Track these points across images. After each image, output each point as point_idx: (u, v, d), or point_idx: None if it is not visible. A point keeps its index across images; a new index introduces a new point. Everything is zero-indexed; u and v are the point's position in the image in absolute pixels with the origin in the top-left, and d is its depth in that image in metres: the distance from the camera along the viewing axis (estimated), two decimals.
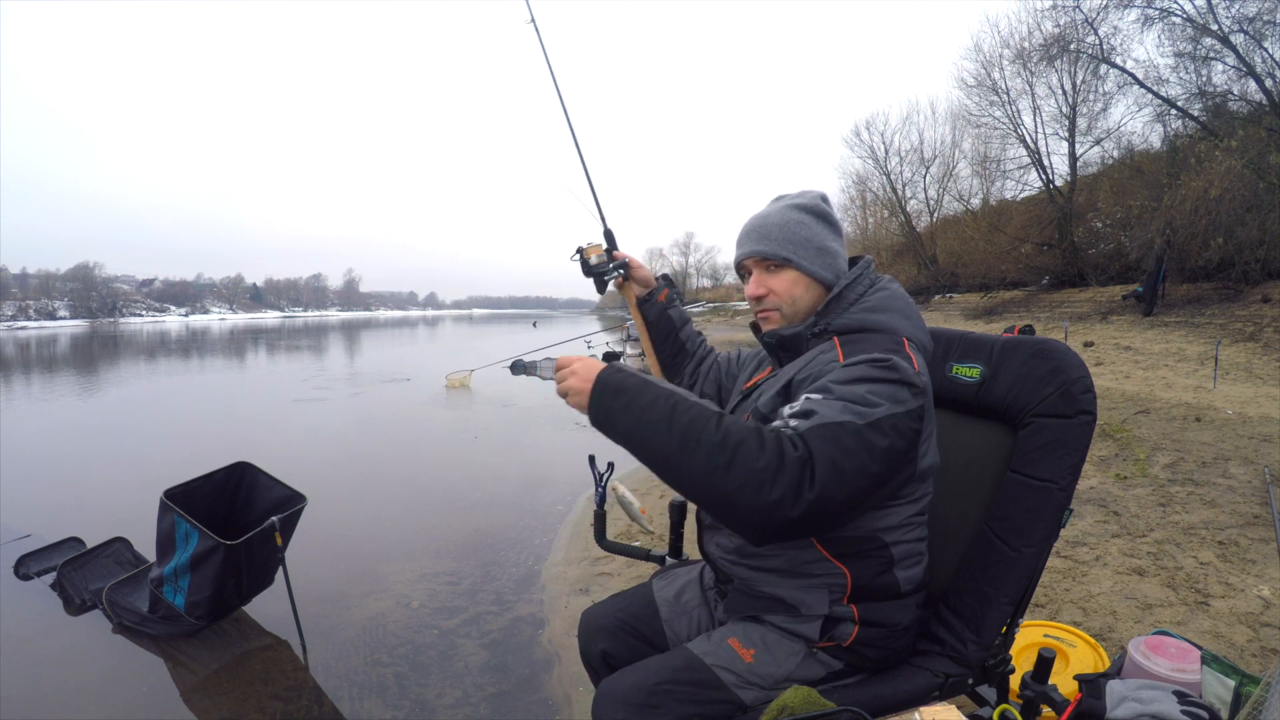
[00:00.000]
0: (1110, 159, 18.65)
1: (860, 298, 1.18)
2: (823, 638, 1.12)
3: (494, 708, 2.24)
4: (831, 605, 1.12)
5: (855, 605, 1.12)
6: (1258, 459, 4.17)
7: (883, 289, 1.20)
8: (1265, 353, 8.68)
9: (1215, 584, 2.59)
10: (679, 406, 0.95)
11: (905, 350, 1.08)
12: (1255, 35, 13.11)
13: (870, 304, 1.17)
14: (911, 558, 1.14)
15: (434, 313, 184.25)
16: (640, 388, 0.99)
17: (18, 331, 53.25)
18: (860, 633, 1.12)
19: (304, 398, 10.13)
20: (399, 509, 4.41)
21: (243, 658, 2.57)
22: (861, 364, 1.03)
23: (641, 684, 1.12)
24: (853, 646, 1.13)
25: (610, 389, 1.00)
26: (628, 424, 0.97)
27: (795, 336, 1.20)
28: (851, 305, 1.18)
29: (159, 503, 2.54)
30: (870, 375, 1.00)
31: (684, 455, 0.92)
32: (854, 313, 1.16)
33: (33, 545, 3.53)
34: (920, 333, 1.17)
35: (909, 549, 1.13)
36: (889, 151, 29.58)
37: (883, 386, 0.99)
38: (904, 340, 1.11)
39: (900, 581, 1.13)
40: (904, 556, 1.13)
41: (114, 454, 6.35)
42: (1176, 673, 1.29)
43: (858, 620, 1.12)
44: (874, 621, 1.13)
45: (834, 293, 1.19)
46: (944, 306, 22.73)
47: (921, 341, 1.16)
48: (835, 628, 1.12)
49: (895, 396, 0.99)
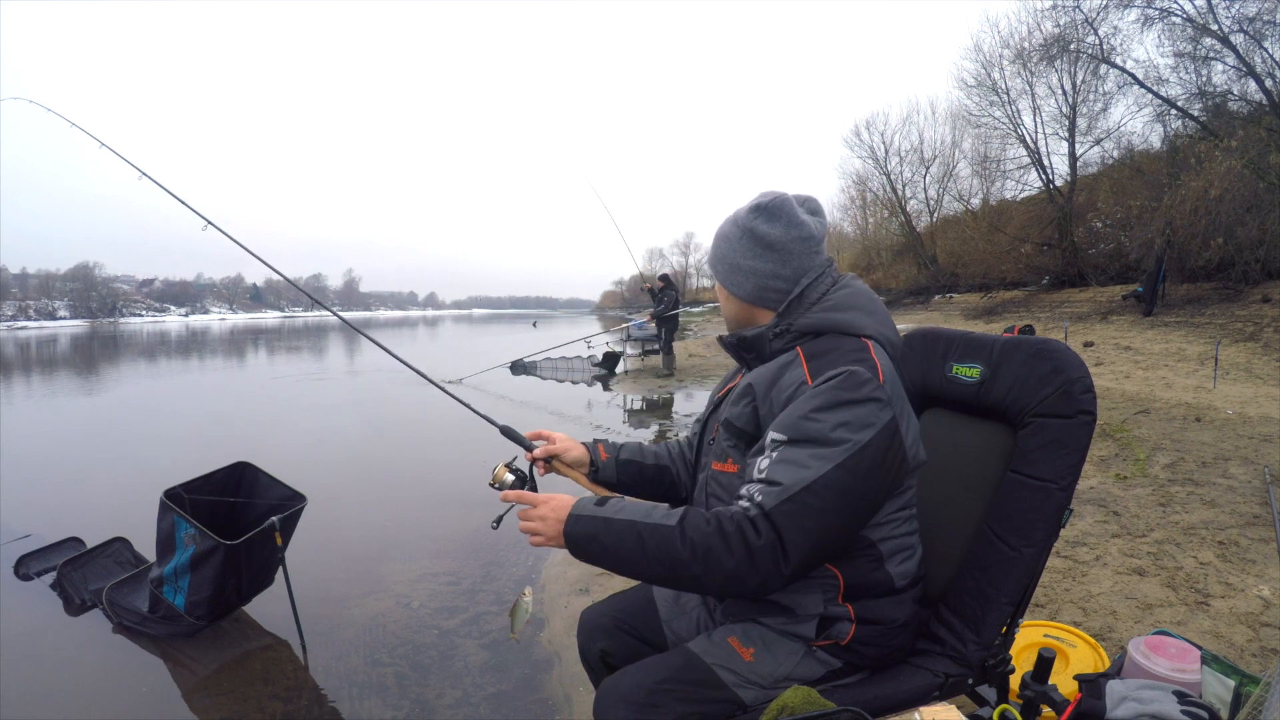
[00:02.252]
0: (1110, 159, 18.67)
1: (822, 297, 1.19)
2: (819, 636, 1.13)
3: (494, 708, 2.24)
4: (826, 605, 1.12)
5: (850, 604, 1.12)
6: (1258, 459, 4.17)
7: (844, 286, 1.20)
8: (1265, 353, 8.68)
9: (1215, 584, 2.59)
10: (643, 534, 1.02)
11: (870, 355, 1.09)
12: (1255, 35, 13.12)
13: (832, 302, 1.17)
14: (902, 552, 1.15)
15: (434, 313, 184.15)
16: (604, 528, 1.05)
17: (18, 331, 53.24)
18: (857, 631, 1.12)
19: (306, 401, 10.13)
20: (399, 509, 4.40)
21: (243, 658, 2.57)
22: (828, 387, 1.04)
23: (642, 683, 1.12)
24: (850, 645, 1.13)
25: (580, 539, 1.07)
26: (608, 563, 1.06)
27: (758, 338, 1.21)
28: (814, 305, 1.18)
29: (159, 503, 2.54)
30: (838, 400, 1.02)
31: (666, 575, 1.03)
32: (815, 312, 1.17)
33: (33, 545, 3.52)
34: (885, 328, 1.18)
35: (898, 543, 1.14)
36: (889, 151, 29.62)
37: (851, 411, 1.02)
38: (868, 343, 1.12)
39: (894, 577, 1.13)
40: (894, 551, 1.13)
41: (114, 454, 6.34)
42: (1176, 673, 1.28)
43: (854, 619, 1.12)
44: (870, 619, 1.13)
45: (795, 292, 1.19)
46: (944, 306, 22.74)
47: (886, 337, 1.17)
48: (831, 626, 1.12)
49: (866, 420, 1.01)
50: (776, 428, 1.06)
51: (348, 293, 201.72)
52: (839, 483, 0.99)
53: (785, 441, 1.03)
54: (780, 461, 1.01)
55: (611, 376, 11.66)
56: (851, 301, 1.18)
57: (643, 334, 13.05)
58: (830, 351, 1.11)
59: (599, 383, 11.02)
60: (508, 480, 1.43)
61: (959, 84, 24.18)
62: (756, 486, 1.02)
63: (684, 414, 7.93)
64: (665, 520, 1.02)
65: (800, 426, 1.02)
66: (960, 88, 22.74)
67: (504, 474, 1.45)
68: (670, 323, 11.34)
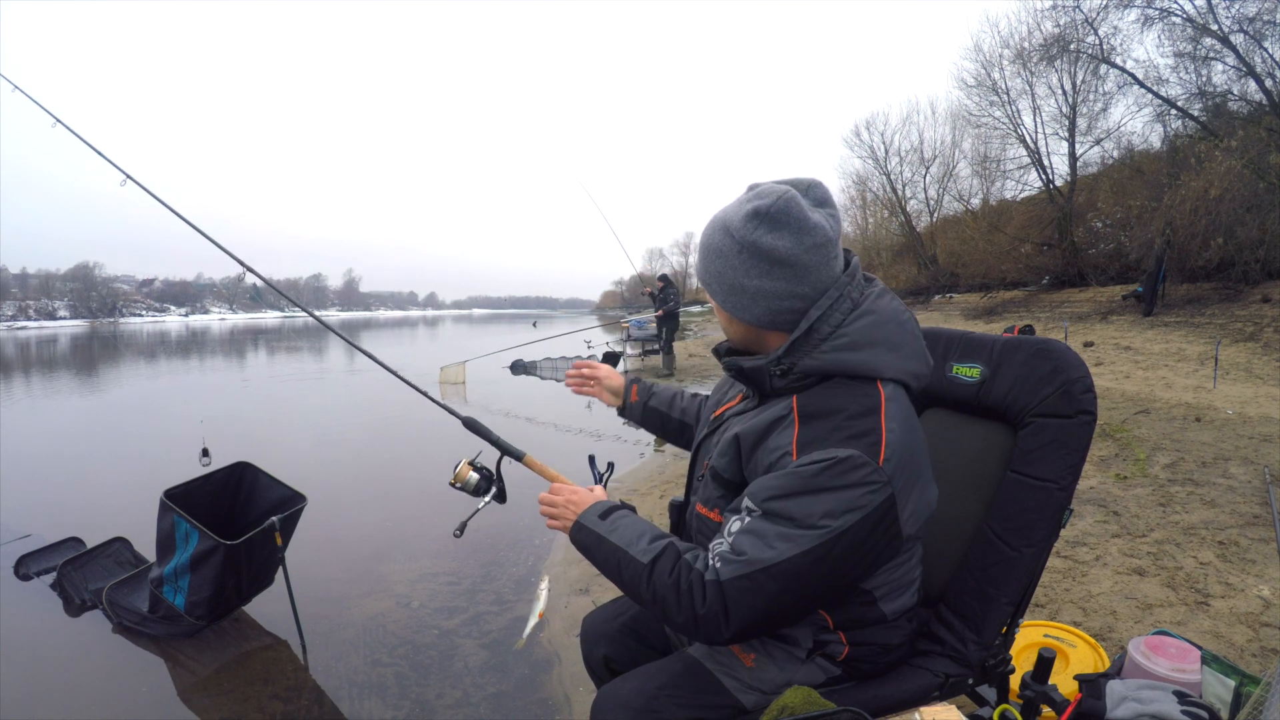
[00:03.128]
0: (1110, 159, 18.65)
1: (835, 330, 1.00)
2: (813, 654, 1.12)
3: (494, 708, 2.24)
4: (817, 634, 1.11)
5: (842, 632, 1.11)
6: (1258, 459, 4.17)
7: (864, 314, 1.01)
8: (1265, 353, 8.68)
9: (1215, 584, 2.59)
10: (622, 562, 1.06)
11: (878, 422, 0.95)
12: (1255, 35, 13.12)
13: (846, 339, 1.00)
14: (898, 590, 1.10)
15: (434, 312, 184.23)
16: (597, 544, 1.11)
17: (17, 331, 53.22)
18: (851, 651, 1.12)
19: (306, 401, 10.12)
20: (399, 509, 4.41)
21: (243, 658, 2.57)
22: (810, 472, 0.93)
23: (643, 688, 1.12)
24: (846, 660, 1.13)
25: (580, 545, 1.15)
26: (599, 570, 1.13)
27: (757, 371, 1.06)
28: (824, 340, 1.00)
29: (159, 503, 2.54)
30: (819, 486, 0.92)
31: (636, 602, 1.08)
32: (825, 352, 1.00)
33: (33, 545, 3.52)
34: (911, 361, 1.04)
35: (896, 584, 1.09)
36: (889, 151, 29.56)
37: (834, 497, 0.91)
38: (881, 393, 0.98)
39: (886, 613, 1.10)
40: (889, 593, 1.09)
41: (114, 454, 6.35)
42: (1176, 673, 1.28)
43: (846, 643, 1.11)
44: (863, 642, 1.12)
45: (804, 326, 1.00)
46: (944, 306, 22.72)
47: (911, 371, 1.03)
48: (825, 647, 1.12)
49: (850, 505, 0.91)
50: (751, 495, 0.98)
51: (348, 293, 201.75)
52: (801, 569, 0.92)
53: (758, 513, 0.96)
54: (747, 532, 0.96)
55: None
56: (869, 335, 1.00)
57: (643, 334, 13.06)
58: (828, 414, 0.97)
59: None
60: (472, 479, 1.40)
61: (959, 84, 24.19)
62: (722, 548, 0.98)
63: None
64: (641, 556, 1.04)
65: (774, 503, 0.94)
66: (960, 88, 22.75)
67: (468, 472, 1.41)
68: (671, 322, 11.35)
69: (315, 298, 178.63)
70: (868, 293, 1.04)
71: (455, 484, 1.42)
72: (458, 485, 1.42)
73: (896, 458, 0.94)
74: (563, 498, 1.20)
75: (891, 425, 0.96)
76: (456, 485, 1.42)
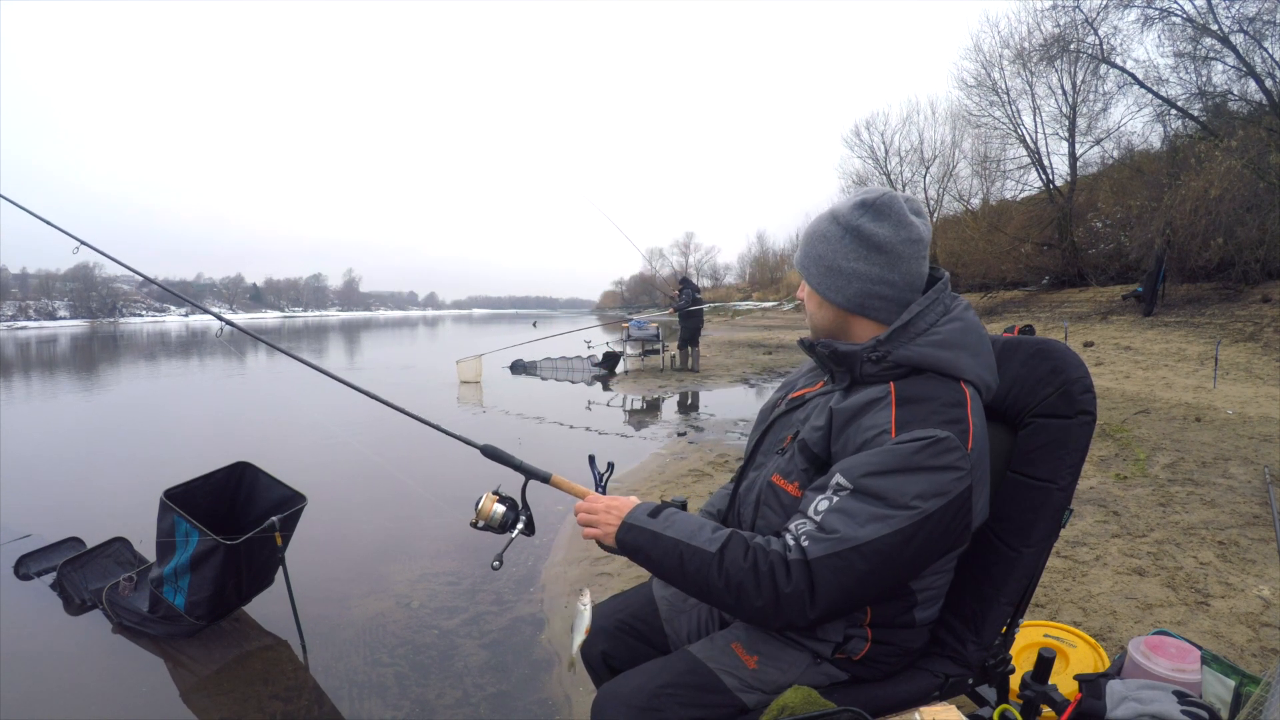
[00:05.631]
0: (1110, 159, 18.66)
1: (931, 327, 1.08)
2: (835, 652, 1.13)
3: (494, 708, 2.24)
4: (847, 629, 1.12)
5: (870, 629, 1.12)
6: (1258, 459, 4.17)
7: (955, 319, 1.10)
8: (1265, 353, 8.68)
9: (1215, 584, 2.59)
10: (685, 556, 1.04)
11: (966, 413, 1.02)
12: (1255, 35, 13.12)
13: (940, 337, 1.07)
14: (933, 599, 1.14)
15: (434, 312, 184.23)
16: (651, 542, 1.09)
17: (18, 331, 53.22)
18: (871, 649, 1.13)
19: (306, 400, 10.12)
20: (399, 509, 4.40)
21: (243, 658, 2.57)
22: (909, 450, 0.97)
23: (644, 687, 1.12)
24: (863, 660, 1.13)
25: (629, 547, 1.12)
26: (653, 570, 1.11)
27: (851, 355, 1.10)
28: (920, 335, 1.08)
29: (159, 503, 2.54)
30: (917, 465, 0.96)
31: (700, 595, 1.06)
32: (920, 345, 1.07)
33: (33, 545, 3.52)
34: (986, 371, 1.11)
35: (934, 593, 1.13)
36: (889, 151, 29.56)
37: (928, 478, 0.96)
38: (966, 392, 1.05)
39: (917, 619, 1.13)
40: (927, 599, 1.13)
41: (114, 454, 6.34)
42: (1176, 673, 1.28)
43: (870, 640, 1.12)
44: (886, 641, 1.13)
45: (904, 319, 1.08)
46: None
47: (985, 381, 1.10)
48: (847, 643, 1.13)
49: (940, 489, 0.96)
50: (844, 471, 1.00)
51: (348, 293, 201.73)
52: (892, 549, 0.95)
53: (849, 490, 0.98)
54: (838, 510, 0.97)
55: (611, 376, 11.67)
56: (959, 339, 1.08)
57: (643, 334, 13.07)
58: (925, 400, 1.03)
59: (599, 383, 11.03)
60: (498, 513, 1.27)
61: (959, 84, 24.14)
62: (808, 528, 0.99)
63: (676, 415, 7.93)
64: (707, 545, 1.03)
65: (869, 480, 0.97)
66: (960, 88, 22.72)
67: (491, 506, 1.28)
68: (693, 319, 11.73)
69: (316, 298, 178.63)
70: (957, 302, 1.13)
71: (477, 523, 1.29)
72: (480, 525, 1.28)
73: (977, 450, 1.02)
74: (602, 504, 1.19)
75: (975, 420, 1.03)
76: (479, 525, 1.28)
